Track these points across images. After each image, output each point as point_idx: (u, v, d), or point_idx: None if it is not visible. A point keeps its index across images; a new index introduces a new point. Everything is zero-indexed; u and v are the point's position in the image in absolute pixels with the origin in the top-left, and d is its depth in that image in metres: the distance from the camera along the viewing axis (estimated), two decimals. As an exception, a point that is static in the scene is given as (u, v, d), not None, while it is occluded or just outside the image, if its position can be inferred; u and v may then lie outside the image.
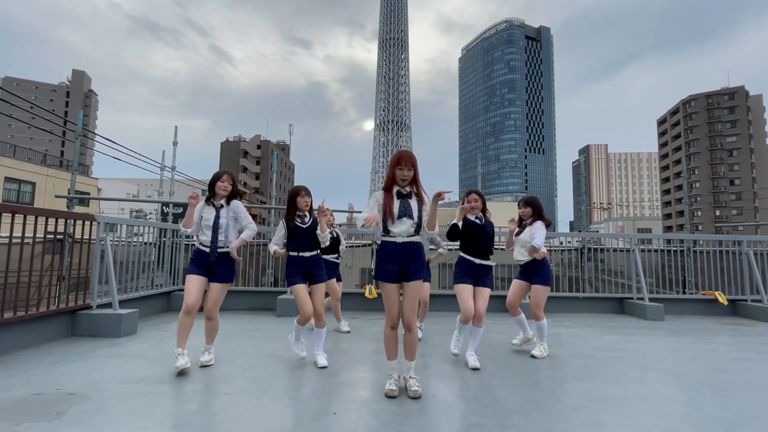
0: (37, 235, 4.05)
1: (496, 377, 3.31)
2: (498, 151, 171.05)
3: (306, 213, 3.75)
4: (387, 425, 2.39)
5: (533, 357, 3.91)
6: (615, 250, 8.31)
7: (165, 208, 14.85)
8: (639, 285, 6.56)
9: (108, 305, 4.71)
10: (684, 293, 7.62)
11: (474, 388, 3.05)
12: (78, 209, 8.20)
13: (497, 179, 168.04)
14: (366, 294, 6.44)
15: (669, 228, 76.89)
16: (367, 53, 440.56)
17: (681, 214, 72.13)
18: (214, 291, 3.51)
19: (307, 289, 3.71)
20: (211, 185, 3.59)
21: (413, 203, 2.91)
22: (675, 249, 7.89)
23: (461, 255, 3.81)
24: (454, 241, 3.94)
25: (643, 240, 8.60)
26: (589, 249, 7.58)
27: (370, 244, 8.50)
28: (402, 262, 2.89)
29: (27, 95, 74.84)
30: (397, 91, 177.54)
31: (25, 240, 3.86)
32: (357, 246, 11.24)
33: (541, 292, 4.01)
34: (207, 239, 3.49)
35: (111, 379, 3.09)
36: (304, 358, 3.65)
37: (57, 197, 8.50)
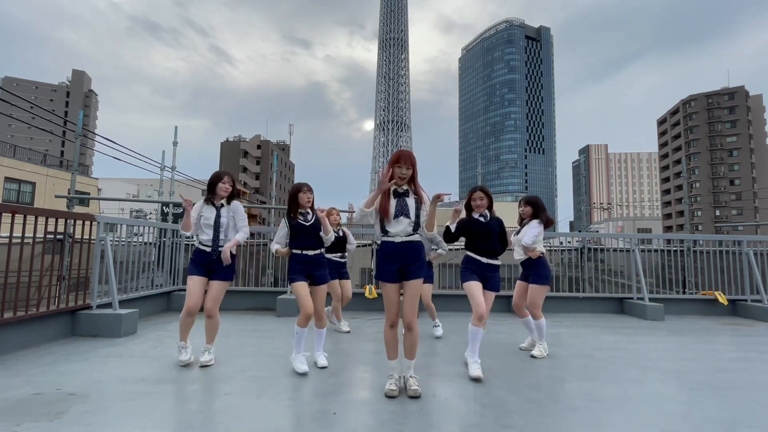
0: (37, 235, 4.05)
1: (496, 377, 3.31)
2: (498, 151, 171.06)
3: (308, 210, 3.69)
4: (387, 425, 2.39)
5: (533, 357, 3.91)
6: (615, 250, 8.30)
7: (165, 208, 14.83)
8: (639, 285, 6.56)
9: (108, 305, 4.71)
10: (684, 293, 7.62)
11: (474, 388, 3.05)
12: (78, 209, 8.20)
13: (497, 179, 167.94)
14: (366, 294, 6.45)
15: (669, 228, 76.89)
16: (367, 53, 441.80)
17: (681, 214, 72.14)
18: (214, 289, 3.53)
19: (308, 289, 3.69)
20: (212, 185, 3.62)
21: (410, 202, 2.90)
22: (675, 249, 7.89)
23: (467, 253, 3.73)
24: (450, 243, 3.89)
25: (643, 240, 8.59)
26: (589, 249, 7.57)
27: (370, 244, 8.49)
28: (401, 261, 2.89)
29: (27, 95, 74.85)
30: (397, 91, 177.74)
31: (25, 240, 3.86)
32: (357, 246, 11.22)
33: (538, 291, 3.99)
34: (208, 238, 3.52)
35: (111, 379, 3.09)
36: (305, 373, 3.28)
37: (57, 197, 8.49)
